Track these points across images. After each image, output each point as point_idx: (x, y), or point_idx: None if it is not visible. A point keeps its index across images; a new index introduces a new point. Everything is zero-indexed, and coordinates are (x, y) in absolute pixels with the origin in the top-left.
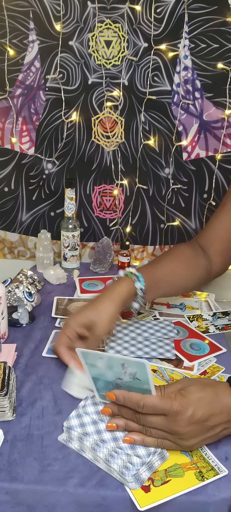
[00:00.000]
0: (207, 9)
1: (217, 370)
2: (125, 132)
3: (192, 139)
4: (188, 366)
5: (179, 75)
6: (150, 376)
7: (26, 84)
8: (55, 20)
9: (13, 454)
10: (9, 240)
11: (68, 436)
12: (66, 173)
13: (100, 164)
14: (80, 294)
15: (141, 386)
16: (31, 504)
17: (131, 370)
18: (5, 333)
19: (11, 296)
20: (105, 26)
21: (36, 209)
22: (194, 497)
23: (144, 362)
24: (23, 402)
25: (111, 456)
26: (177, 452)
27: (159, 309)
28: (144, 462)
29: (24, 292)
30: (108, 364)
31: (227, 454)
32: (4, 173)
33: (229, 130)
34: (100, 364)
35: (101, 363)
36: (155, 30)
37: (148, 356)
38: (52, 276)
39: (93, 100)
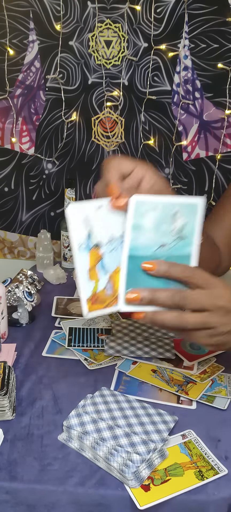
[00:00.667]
0: (207, 9)
1: (217, 369)
2: (125, 132)
3: (192, 139)
4: (188, 366)
5: (179, 75)
6: (197, 228)
7: (26, 84)
8: (55, 20)
9: (13, 454)
10: (9, 240)
11: (68, 435)
12: (66, 173)
13: (100, 164)
14: None
15: (182, 253)
16: (31, 504)
17: (181, 221)
18: (5, 333)
19: (11, 296)
20: (105, 26)
21: (36, 209)
22: (194, 496)
23: (196, 202)
24: (23, 402)
25: (111, 454)
26: (177, 451)
27: None
28: (144, 459)
29: (24, 292)
30: (159, 218)
31: (227, 454)
32: (4, 173)
33: (229, 130)
34: (149, 222)
35: (150, 219)
36: (155, 30)
37: (148, 356)
38: (52, 276)
39: (93, 100)
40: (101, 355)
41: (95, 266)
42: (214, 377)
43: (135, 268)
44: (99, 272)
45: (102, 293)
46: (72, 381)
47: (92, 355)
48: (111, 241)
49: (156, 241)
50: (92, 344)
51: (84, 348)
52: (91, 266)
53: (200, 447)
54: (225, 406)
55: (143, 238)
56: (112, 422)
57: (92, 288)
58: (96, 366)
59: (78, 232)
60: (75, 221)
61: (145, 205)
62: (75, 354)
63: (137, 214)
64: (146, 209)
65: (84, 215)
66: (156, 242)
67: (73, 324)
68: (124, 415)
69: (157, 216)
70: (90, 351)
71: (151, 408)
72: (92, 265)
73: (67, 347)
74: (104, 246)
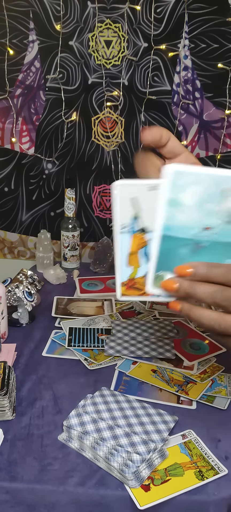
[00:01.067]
0: (207, 9)
1: (217, 369)
2: (125, 132)
3: (192, 139)
4: (188, 366)
5: (179, 75)
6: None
7: (26, 84)
8: (55, 20)
9: (13, 454)
10: (9, 240)
11: (68, 435)
12: (66, 173)
13: (100, 164)
14: (80, 294)
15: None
16: (31, 504)
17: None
18: (5, 333)
19: (11, 296)
20: (105, 26)
21: (36, 209)
22: (194, 496)
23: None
24: (23, 402)
25: (111, 454)
26: (177, 451)
27: (159, 309)
28: (144, 459)
29: (24, 292)
30: (204, 194)
31: (227, 454)
32: (4, 173)
33: (229, 130)
34: (190, 198)
35: (192, 195)
36: (155, 30)
37: (148, 356)
38: (52, 276)
39: (93, 100)
40: (101, 355)
41: (138, 252)
42: (214, 377)
43: (169, 249)
44: (141, 259)
45: (141, 280)
46: (72, 381)
47: (92, 355)
48: None
49: (199, 222)
50: (92, 344)
51: (84, 348)
52: (133, 251)
53: (200, 447)
54: (225, 406)
55: (182, 217)
56: (113, 422)
57: (129, 273)
58: (96, 366)
59: (123, 212)
60: (122, 200)
61: (185, 177)
62: (75, 354)
63: (174, 187)
64: (186, 182)
65: (133, 195)
66: (198, 224)
67: (73, 324)
68: (124, 415)
69: (201, 192)
70: (90, 351)
71: (151, 408)
72: (134, 250)
73: (67, 347)
74: (150, 233)
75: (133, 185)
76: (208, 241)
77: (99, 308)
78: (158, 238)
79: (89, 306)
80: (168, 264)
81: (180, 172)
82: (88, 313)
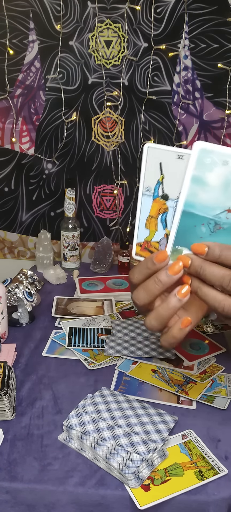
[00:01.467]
0: (207, 9)
1: (217, 369)
2: (125, 132)
3: (192, 139)
4: (188, 366)
5: (179, 75)
6: None
7: (26, 84)
8: (55, 20)
9: (13, 454)
10: (9, 240)
11: (68, 435)
12: (66, 173)
13: (100, 164)
14: (80, 294)
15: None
16: (31, 504)
17: None
18: (5, 333)
19: (11, 296)
20: (105, 26)
21: (36, 209)
22: (194, 496)
23: None
24: (23, 402)
25: (111, 454)
26: (177, 451)
27: None
28: (144, 459)
29: (24, 292)
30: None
31: (227, 454)
32: (4, 173)
33: (229, 130)
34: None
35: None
36: (155, 30)
37: (148, 356)
38: (52, 276)
39: (93, 100)
40: (101, 355)
41: (157, 217)
42: (214, 377)
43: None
44: (159, 224)
45: (156, 245)
46: (72, 381)
47: (92, 355)
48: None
49: (221, 203)
50: (92, 344)
51: (84, 348)
52: (152, 215)
53: (200, 447)
54: (225, 406)
55: (205, 196)
56: (113, 422)
57: (146, 235)
58: (96, 366)
59: (150, 175)
60: (149, 162)
61: (211, 156)
62: (75, 354)
63: (200, 165)
64: (212, 161)
65: (162, 160)
66: (220, 205)
67: (73, 324)
68: (124, 415)
69: (227, 174)
70: (90, 351)
71: (151, 408)
72: (153, 214)
73: (67, 347)
74: (171, 201)
75: (162, 150)
76: (228, 223)
77: (99, 308)
78: (179, 213)
79: (89, 306)
80: (186, 240)
81: (207, 150)
82: (88, 313)
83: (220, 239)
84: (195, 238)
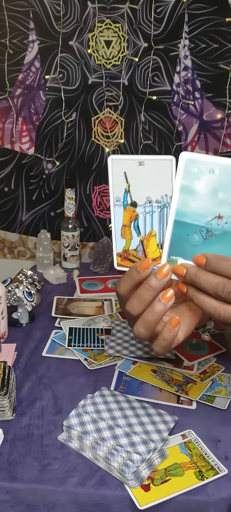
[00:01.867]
0: (207, 9)
1: (217, 369)
2: (125, 132)
3: (192, 139)
4: (188, 366)
5: (179, 75)
6: None
7: (26, 84)
8: (55, 20)
9: (13, 454)
10: (9, 240)
11: (68, 435)
12: (66, 173)
13: (100, 164)
14: (80, 294)
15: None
16: (31, 504)
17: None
18: (5, 333)
19: (11, 296)
20: (105, 26)
21: (36, 209)
22: (194, 496)
23: None
24: (23, 402)
25: (111, 454)
26: (177, 451)
27: None
28: (144, 459)
29: (24, 292)
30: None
31: (227, 454)
32: (4, 173)
33: (229, 130)
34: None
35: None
36: (155, 30)
37: (148, 356)
38: (52, 276)
39: (93, 100)
40: (101, 355)
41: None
42: (214, 377)
43: (182, 235)
44: (133, 231)
45: (134, 253)
46: (72, 381)
47: (92, 355)
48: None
49: (211, 210)
50: (92, 344)
51: (84, 348)
52: (125, 224)
53: (200, 447)
54: (225, 406)
55: (195, 205)
56: (113, 422)
57: (123, 245)
58: (96, 366)
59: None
60: (114, 173)
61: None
62: (75, 354)
63: (187, 174)
64: (199, 170)
65: (125, 169)
66: (210, 212)
67: (73, 324)
68: (124, 415)
69: (214, 181)
70: (90, 351)
71: (151, 408)
72: (126, 223)
73: (67, 347)
74: (140, 207)
75: (124, 159)
76: (219, 229)
77: (99, 308)
78: (171, 223)
79: (89, 306)
80: (181, 249)
81: (193, 159)
82: (88, 313)
83: (213, 245)
84: (188, 246)
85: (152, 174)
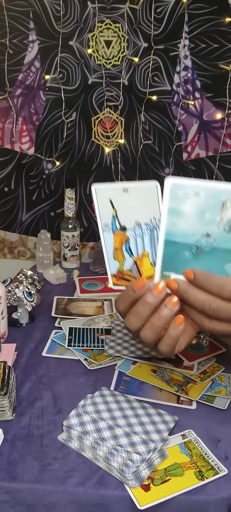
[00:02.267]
0: (207, 9)
1: (217, 369)
2: (125, 132)
3: (192, 139)
4: (188, 366)
5: (179, 75)
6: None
7: (26, 84)
8: (55, 20)
9: (13, 454)
10: (9, 240)
11: (68, 435)
12: (66, 173)
13: (100, 164)
14: (80, 294)
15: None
16: (31, 504)
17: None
18: (5, 333)
19: (11, 296)
20: (105, 26)
21: (36, 209)
22: (194, 496)
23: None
24: (23, 402)
25: (111, 454)
26: (177, 451)
27: None
28: (144, 459)
29: (24, 292)
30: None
31: (227, 454)
32: (4, 173)
33: (229, 130)
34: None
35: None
36: (155, 30)
37: (148, 356)
38: (52, 276)
39: (93, 100)
40: (102, 355)
41: (121, 247)
42: (214, 377)
43: (173, 252)
44: (125, 253)
45: (129, 272)
46: (72, 381)
47: (92, 355)
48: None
49: (199, 230)
50: (92, 344)
51: (84, 348)
52: (117, 247)
53: (200, 447)
54: (225, 406)
55: (183, 225)
56: (112, 422)
57: (117, 266)
58: (96, 366)
59: (104, 213)
60: (100, 202)
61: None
62: (75, 354)
63: (173, 198)
64: (185, 193)
65: (110, 196)
66: (198, 231)
67: (73, 324)
68: (124, 415)
69: (200, 204)
70: (90, 351)
71: (151, 408)
72: (117, 246)
73: (67, 347)
74: (130, 231)
75: (108, 188)
76: (208, 246)
77: (99, 308)
78: (162, 243)
79: (89, 306)
80: (173, 265)
81: (178, 184)
82: (88, 313)
83: (203, 260)
84: (180, 262)
85: (138, 200)
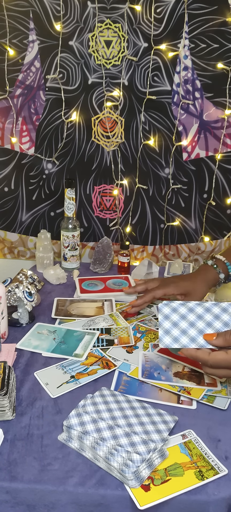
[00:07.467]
0: (207, 9)
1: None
2: (125, 132)
3: (192, 139)
4: (211, 383)
5: (179, 75)
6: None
7: (26, 84)
8: (55, 20)
9: (13, 454)
10: (9, 240)
11: (68, 435)
12: (66, 173)
13: (100, 164)
14: (80, 294)
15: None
16: (31, 504)
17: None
18: (5, 332)
19: (11, 296)
20: (105, 26)
21: (36, 209)
22: (194, 496)
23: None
24: (23, 402)
25: (111, 454)
26: (177, 451)
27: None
28: (144, 459)
29: (24, 292)
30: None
31: (227, 454)
32: (4, 173)
33: (229, 130)
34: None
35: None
36: (155, 30)
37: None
38: (52, 276)
39: (93, 100)
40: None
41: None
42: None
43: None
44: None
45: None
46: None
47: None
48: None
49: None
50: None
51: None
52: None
53: (200, 447)
54: (225, 406)
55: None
56: (113, 422)
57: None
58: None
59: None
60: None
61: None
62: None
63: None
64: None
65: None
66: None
67: (73, 325)
68: (124, 415)
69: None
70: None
71: (151, 408)
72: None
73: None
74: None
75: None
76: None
77: (100, 309)
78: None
79: (90, 306)
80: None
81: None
82: (89, 314)
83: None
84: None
85: None
